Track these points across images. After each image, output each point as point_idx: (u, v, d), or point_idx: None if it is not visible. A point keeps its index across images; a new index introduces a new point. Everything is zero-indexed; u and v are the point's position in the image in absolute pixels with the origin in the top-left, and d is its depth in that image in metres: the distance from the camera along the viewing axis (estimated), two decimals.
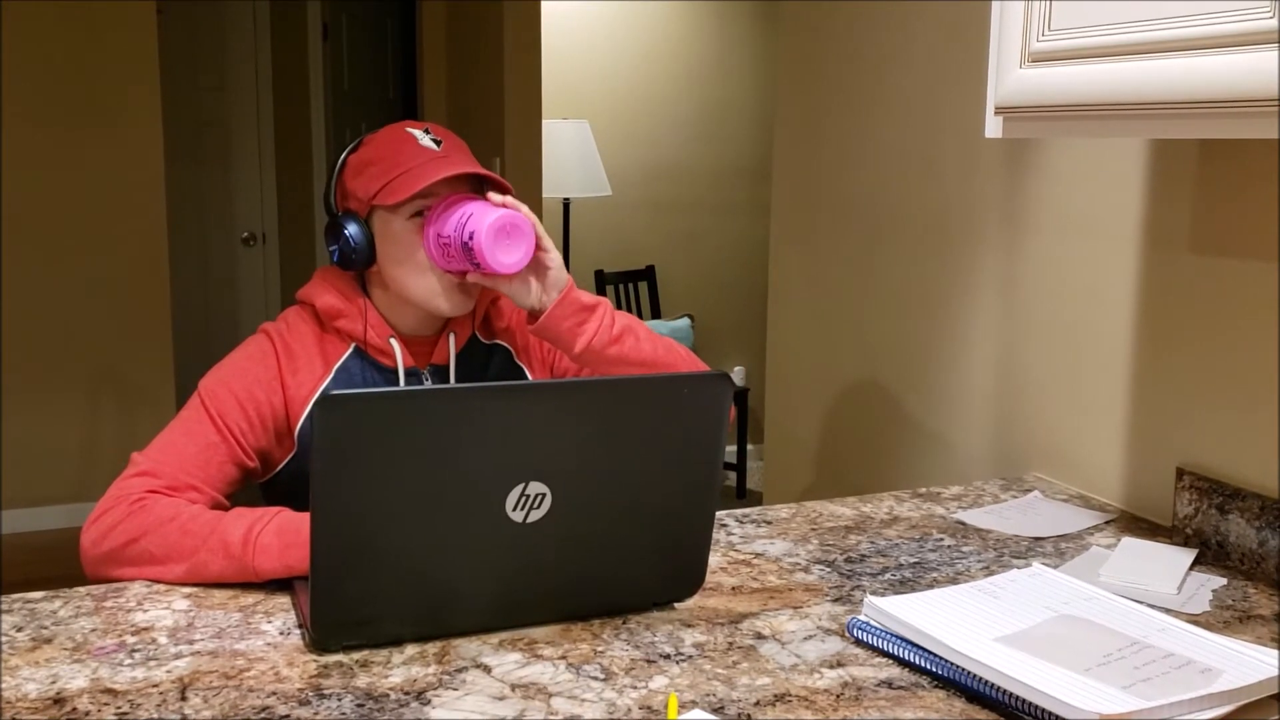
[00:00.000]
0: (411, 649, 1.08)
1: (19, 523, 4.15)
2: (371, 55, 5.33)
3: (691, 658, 1.08)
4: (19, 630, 1.11)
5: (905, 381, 2.07)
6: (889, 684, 1.04)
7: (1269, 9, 0.97)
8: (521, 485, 1.06)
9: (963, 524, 1.51)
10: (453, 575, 1.08)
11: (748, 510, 1.53)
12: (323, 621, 1.06)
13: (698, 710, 0.97)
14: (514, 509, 1.06)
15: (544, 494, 1.07)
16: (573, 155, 4.59)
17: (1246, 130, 1.01)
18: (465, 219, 1.39)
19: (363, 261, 1.45)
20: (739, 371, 5.21)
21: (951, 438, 1.95)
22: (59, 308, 4.17)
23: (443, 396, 1.09)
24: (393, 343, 1.47)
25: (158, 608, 1.18)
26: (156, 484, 1.31)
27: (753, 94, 5.17)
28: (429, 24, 4.85)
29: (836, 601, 1.23)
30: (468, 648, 1.09)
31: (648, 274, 5.05)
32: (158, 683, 1.01)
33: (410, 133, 1.46)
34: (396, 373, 1.47)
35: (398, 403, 1.04)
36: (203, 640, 1.10)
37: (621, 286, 4.96)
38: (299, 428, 1.43)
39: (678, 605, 1.20)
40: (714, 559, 1.33)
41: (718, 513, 1.34)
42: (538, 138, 4.25)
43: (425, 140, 1.45)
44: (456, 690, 1.01)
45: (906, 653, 1.07)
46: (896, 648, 1.08)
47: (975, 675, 1.00)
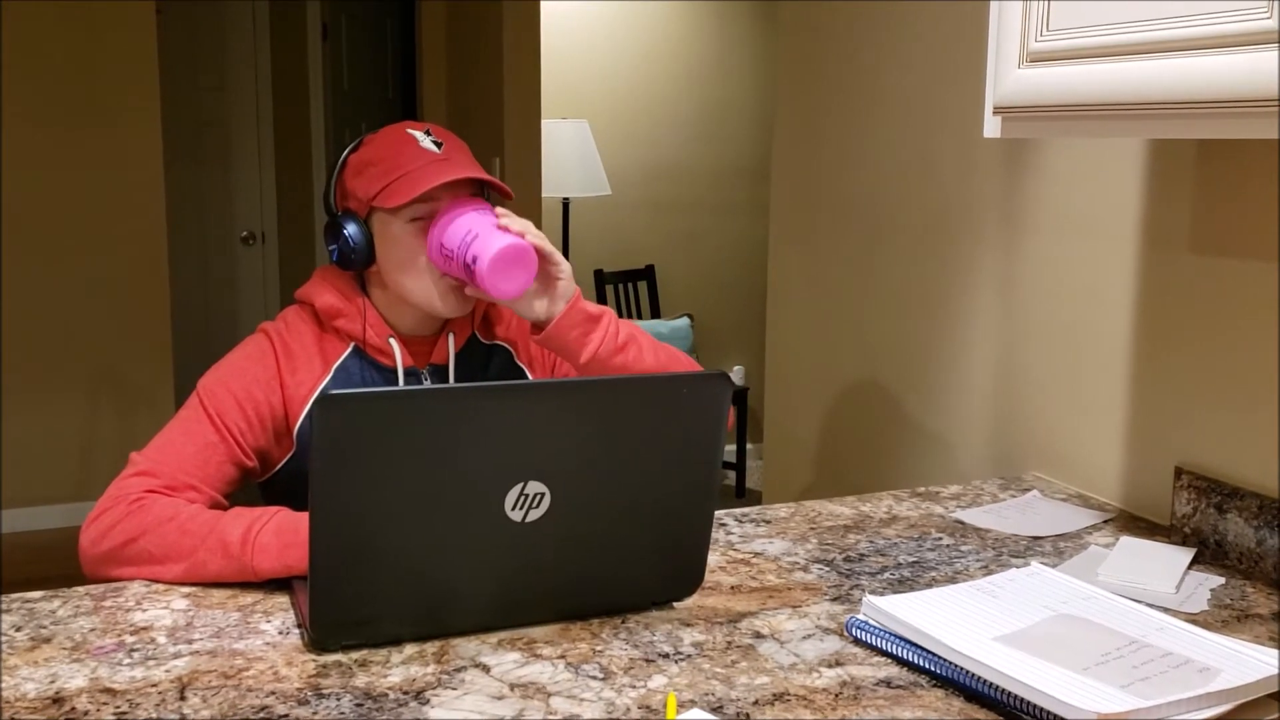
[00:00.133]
0: (410, 648, 1.08)
1: (18, 522, 4.15)
2: (371, 55, 5.33)
3: (690, 657, 1.08)
4: (18, 630, 1.12)
5: (904, 381, 2.07)
6: (887, 683, 1.04)
7: (1267, 9, 0.97)
8: (520, 485, 1.06)
9: (961, 523, 1.51)
10: (452, 575, 1.08)
11: (747, 509, 1.53)
12: (321, 621, 1.06)
13: (696, 709, 0.98)
14: (513, 508, 1.06)
15: (543, 493, 1.07)
16: (572, 155, 4.59)
17: (1245, 130, 1.01)
18: (470, 239, 1.36)
19: (362, 261, 1.45)
20: (738, 371, 5.21)
21: (950, 437, 1.95)
22: (58, 307, 4.16)
23: (442, 396, 1.09)
24: (392, 342, 1.47)
25: (156, 607, 1.18)
26: (155, 484, 1.31)
27: (752, 94, 5.17)
28: (428, 24, 4.85)
29: (835, 601, 1.23)
30: (466, 647, 1.09)
31: (647, 274, 5.05)
32: (156, 682, 1.01)
33: (411, 134, 1.45)
34: (395, 372, 1.47)
35: (397, 402, 1.04)
36: (201, 640, 1.10)
37: (621, 286, 4.96)
38: (298, 427, 1.43)
39: (677, 604, 1.20)
40: (713, 558, 1.33)
41: (717, 512, 1.34)
42: (537, 137, 4.25)
43: (426, 142, 1.44)
44: (455, 690, 1.01)
45: (905, 652, 1.07)
46: (895, 647, 1.08)
47: (974, 674, 1.00)
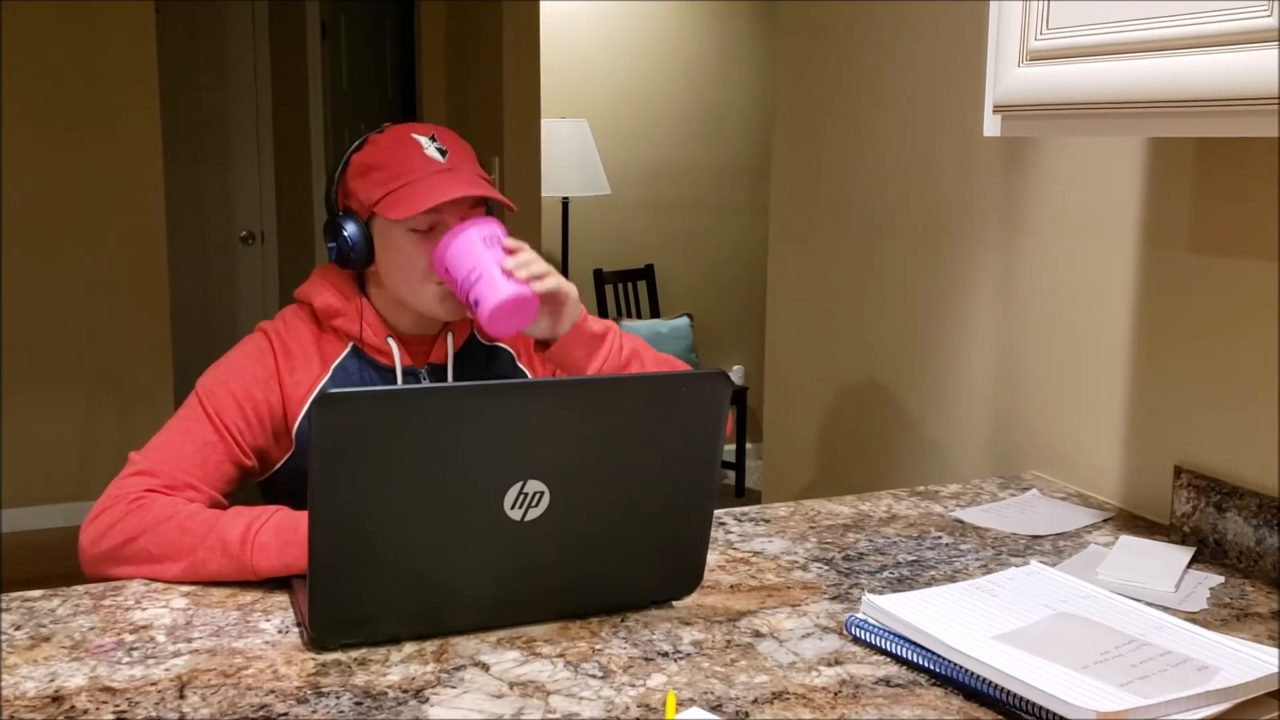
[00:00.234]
0: (410, 647, 1.08)
1: (18, 522, 4.15)
2: (370, 54, 5.33)
3: (689, 656, 1.08)
4: (18, 629, 1.12)
5: (904, 380, 2.07)
6: (887, 682, 1.04)
7: (1267, 7, 0.97)
8: (520, 484, 1.06)
9: (961, 522, 1.51)
10: (451, 574, 1.08)
11: (746, 508, 1.53)
12: (321, 620, 1.06)
13: (696, 708, 0.98)
14: (512, 507, 1.06)
15: (542, 492, 1.07)
16: (571, 154, 4.59)
17: (1245, 129, 1.01)
18: (474, 279, 1.35)
19: (360, 261, 1.45)
20: (738, 371, 5.21)
21: (950, 436, 1.95)
22: (58, 307, 4.16)
23: (441, 395, 1.09)
24: (390, 342, 1.47)
25: (156, 606, 1.18)
26: (154, 483, 1.31)
27: (752, 93, 5.17)
28: (428, 23, 4.84)
29: (834, 599, 1.23)
30: (466, 646, 1.09)
31: (647, 273, 5.05)
32: (156, 681, 1.01)
33: (416, 139, 1.43)
34: (394, 372, 1.47)
35: (396, 401, 1.04)
36: (201, 638, 1.10)
37: (620, 286, 4.96)
38: (296, 427, 1.43)
39: (676, 603, 1.20)
40: (712, 557, 1.33)
41: (716, 511, 1.34)
42: (536, 137, 4.25)
43: (431, 150, 1.43)
44: (455, 688, 1.01)
45: (904, 651, 1.07)
46: (894, 646, 1.08)
47: (973, 673, 1.00)
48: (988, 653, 1.01)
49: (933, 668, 1.04)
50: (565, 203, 4.69)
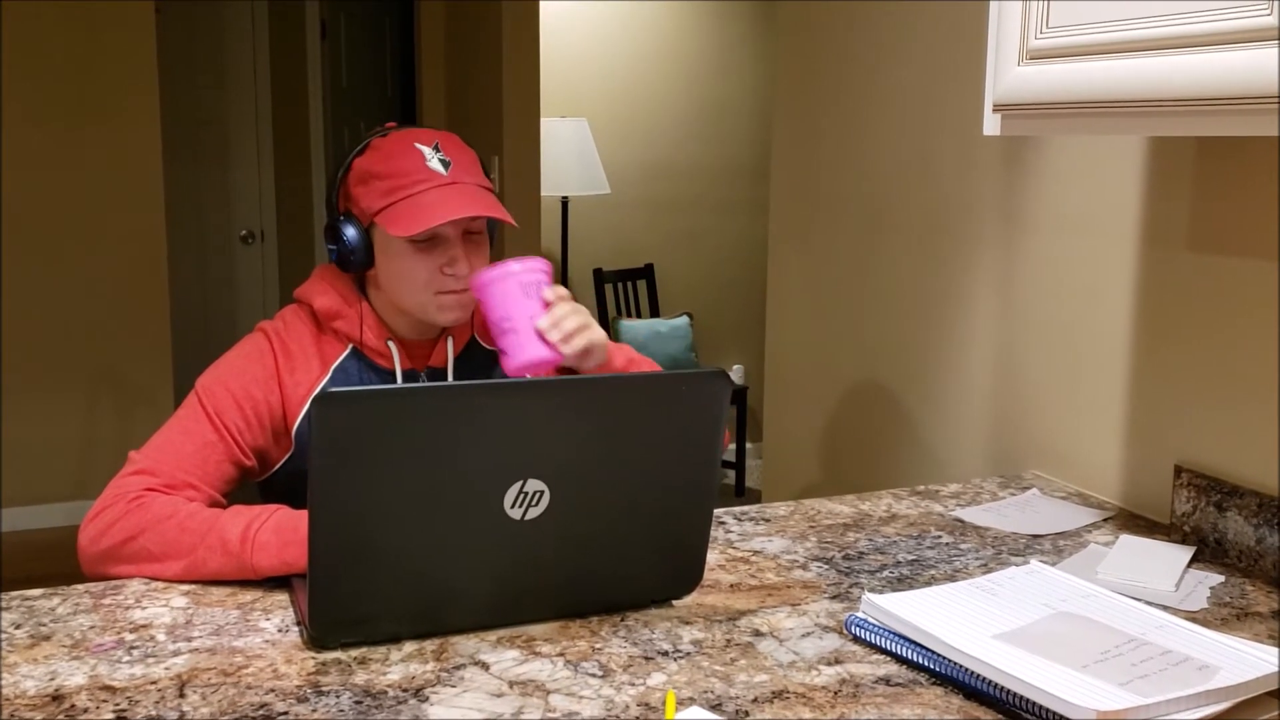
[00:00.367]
0: (410, 646, 1.08)
1: (18, 521, 4.15)
2: (370, 54, 5.32)
3: (689, 655, 1.08)
4: (18, 627, 1.11)
5: (904, 379, 2.07)
6: (887, 681, 1.04)
7: (1267, 6, 0.97)
8: (520, 483, 1.06)
9: (961, 521, 1.51)
10: (451, 573, 1.08)
11: (746, 508, 1.53)
12: (321, 619, 1.06)
13: (695, 707, 0.98)
14: (512, 506, 1.06)
15: (542, 491, 1.07)
16: (571, 153, 4.59)
17: (1245, 128, 1.01)
18: (506, 328, 1.36)
19: (360, 265, 1.44)
20: (738, 370, 5.21)
21: (950, 435, 1.95)
22: (58, 307, 4.16)
23: (441, 394, 1.09)
24: (391, 345, 1.47)
25: (156, 605, 1.18)
26: (154, 482, 1.31)
27: (751, 92, 5.17)
28: (427, 22, 4.84)
29: (834, 599, 1.23)
30: (466, 645, 1.09)
31: (646, 272, 5.05)
32: (156, 680, 1.01)
33: (419, 149, 1.42)
34: (394, 375, 1.47)
35: (396, 400, 1.03)
36: (201, 637, 1.10)
37: (620, 285, 4.95)
38: (296, 428, 1.42)
39: (676, 602, 1.20)
40: (712, 556, 1.33)
41: (716, 510, 1.33)
42: (536, 136, 4.25)
43: (433, 161, 1.41)
44: (455, 687, 1.01)
45: (904, 650, 1.07)
46: (894, 645, 1.08)
47: (973, 672, 1.00)
48: (988, 652, 1.01)
49: (933, 667, 1.04)
50: (565, 202, 4.69)
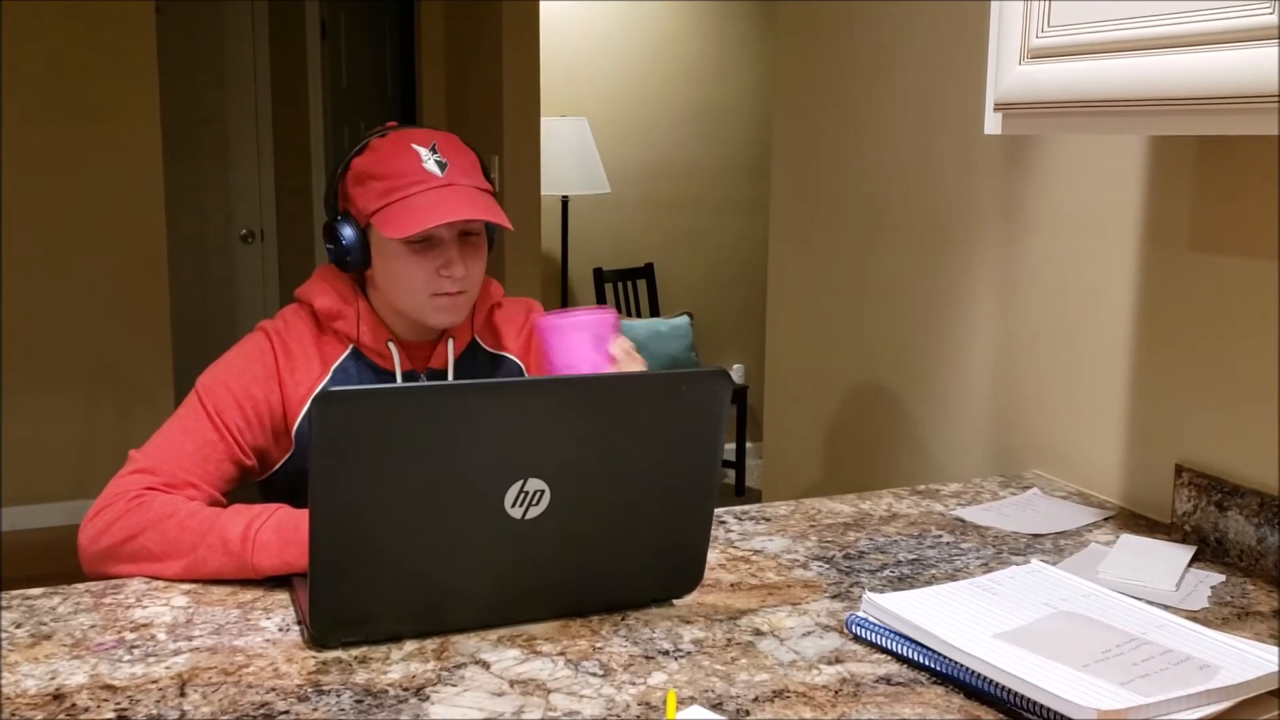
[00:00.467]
0: (410, 645, 1.08)
1: (18, 520, 4.16)
2: (370, 53, 5.32)
3: (690, 654, 1.08)
4: (18, 627, 1.11)
5: (904, 379, 2.07)
6: (887, 680, 1.04)
7: (1269, 5, 0.97)
8: (520, 482, 1.06)
9: (961, 521, 1.51)
10: (451, 572, 1.08)
11: (746, 507, 1.53)
12: (321, 618, 1.06)
13: (696, 707, 0.97)
14: (513, 505, 1.06)
15: (543, 491, 1.07)
16: (571, 153, 4.59)
17: (1246, 127, 1.01)
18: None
19: (357, 265, 1.44)
20: (738, 369, 5.21)
21: (950, 435, 1.95)
22: (58, 306, 4.17)
23: (441, 393, 1.09)
24: (390, 346, 1.47)
25: (156, 604, 1.18)
26: (154, 481, 1.31)
27: (751, 92, 5.17)
28: (427, 22, 4.84)
29: (835, 598, 1.23)
30: (466, 644, 1.09)
31: (646, 272, 5.05)
32: (157, 679, 1.01)
33: (416, 150, 1.41)
34: (394, 376, 1.47)
35: (396, 399, 1.03)
36: (201, 636, 1.10)
37: (620, 285, 4.95)
38: (296, 427, 1.42)
39: (676, 602, 1.20)
40: (713, 556, 1.33)
41: (716, 510, 1.34)
42: (536, 135, 4.25)
43: (430, 163, 1.41)
44: (455, 686, 1.01)
45: (905, 649, 1.07)
46: (895, 644, 1.08)
47: (974, 671, 1.00)
48: (989, 651, 1.01)
49: (933, 666, 1.04)
50: (565, 201, 4.69)
